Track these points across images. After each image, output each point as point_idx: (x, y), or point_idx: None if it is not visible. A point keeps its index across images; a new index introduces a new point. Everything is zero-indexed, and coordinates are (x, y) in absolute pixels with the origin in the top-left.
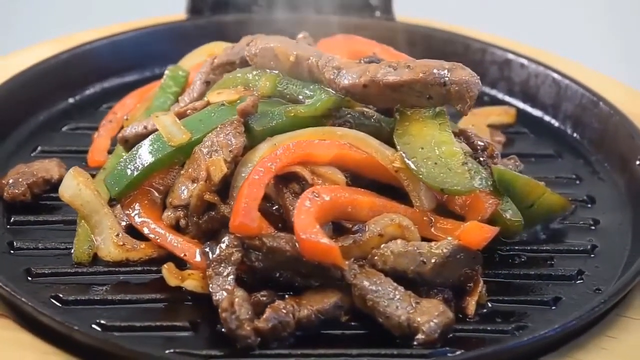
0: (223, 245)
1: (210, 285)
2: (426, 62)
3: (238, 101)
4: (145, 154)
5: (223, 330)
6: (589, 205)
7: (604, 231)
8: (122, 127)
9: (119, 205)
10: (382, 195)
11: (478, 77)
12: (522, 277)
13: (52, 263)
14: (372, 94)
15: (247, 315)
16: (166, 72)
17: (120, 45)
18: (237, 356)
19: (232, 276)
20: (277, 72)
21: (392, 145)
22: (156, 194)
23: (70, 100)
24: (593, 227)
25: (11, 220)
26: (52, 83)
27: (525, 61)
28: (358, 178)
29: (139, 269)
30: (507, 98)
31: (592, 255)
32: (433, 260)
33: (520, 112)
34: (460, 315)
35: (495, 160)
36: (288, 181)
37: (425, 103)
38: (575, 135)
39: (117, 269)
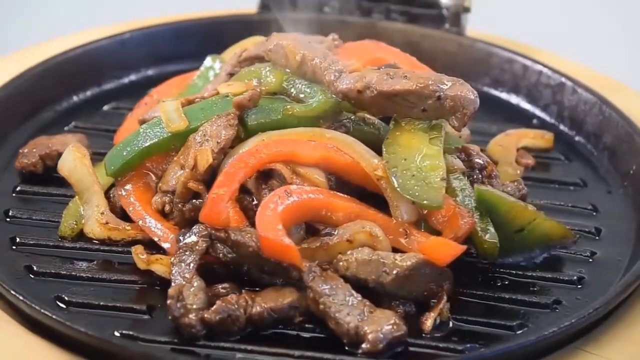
0: (191, 234)
1: (172, 271)
2: (424, 74)
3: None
4: (143, 137)
5: None
6: (596, 237)
7: (599, 264)
8: None
9: None
10: (366, 202)
11: (477, 96)
12: (496, 300)
13: (38, 234)
14: (366, 100)
15: (197, 305)
16: (205, 61)
17: (182, 31)
18: (181, 345)
19: (193, 264)
20: (287, 69)
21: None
22: (153, 178)
23: (125, 80)
24: (590, 260)
25: (17, 189)
26: (108, 62)
27: (577, 87)
28: (345, 183)
29: (121, 249)
30: (556, 122)
31: (579, 287)
32: (395, 272)
33: (564, 138)
34: (418, 330)
35: (492, 181)
36: (269, 178)
37: (420, 115)
38: (610, 166)
39: (98, 247)
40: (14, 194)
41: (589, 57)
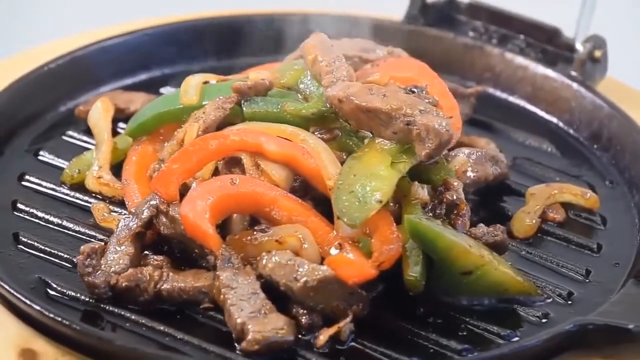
0: (144, 202)
1: (114, 233)
2: (404, 97)
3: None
4: (160, 104)
5: None
6: (567, 302)
7: (543, 327)
8: None
9: None
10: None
11: (448, 130)
12: (413, 334)
13: (46, 175)
14: (346, 111)
15: (114, 268)
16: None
17: (320, 24)
18: (84, 304)
19: (133, 229)
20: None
21: None
22: None
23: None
24: (542, 320)
25: (66, 133)
26: (235, 40)
27: None
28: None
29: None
30: (626, 188)
31: (503, 342)
32: (303, 280)
33: (624, 205)
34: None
35: (458, 220)
36: (235, 164)
37: (391, 136)
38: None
39: (87, 199)
40: (62, 137)
41: None
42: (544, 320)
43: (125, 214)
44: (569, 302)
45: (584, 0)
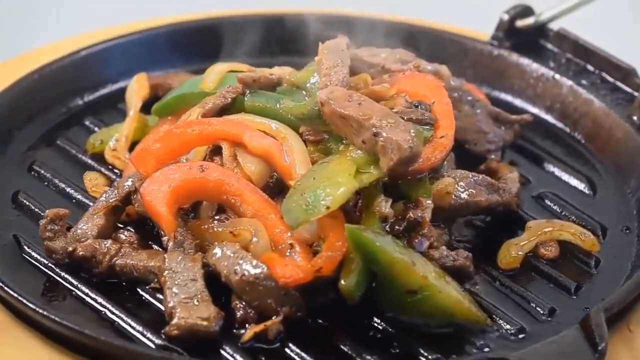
0: (126, 177)
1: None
2: (378, 108)
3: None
4: (184, 87)
5: None
6: (518, 336)
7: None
8: None
9: None
10: None
11: (412, 148)
12: (341, 345)
13: (77, 141)
14: (327, 115)
15: (79, 237)
16: None
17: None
18: (44, 266)
19: (107, 203)
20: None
21: None
22: None
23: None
24: (483, 350)
25: (118, 105)
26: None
27: None
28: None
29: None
30: (634, 236)
31: None
32: (241, 275)
33: (622, 251)
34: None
35: (416, 238)
36: (218, 153)
37: (361, 145)
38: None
39: (100, 169)
40: (114, 108)
41: None
42: (485, 350)
43: None
44: (518, 337)
45: None
